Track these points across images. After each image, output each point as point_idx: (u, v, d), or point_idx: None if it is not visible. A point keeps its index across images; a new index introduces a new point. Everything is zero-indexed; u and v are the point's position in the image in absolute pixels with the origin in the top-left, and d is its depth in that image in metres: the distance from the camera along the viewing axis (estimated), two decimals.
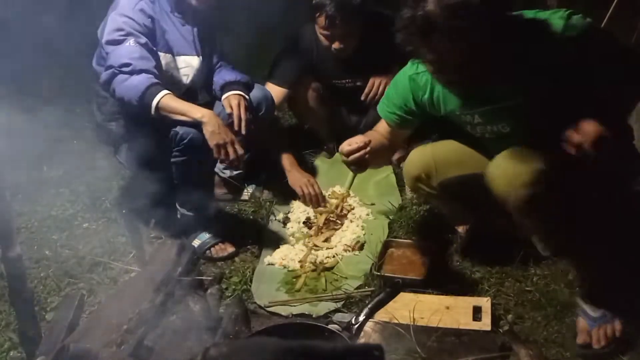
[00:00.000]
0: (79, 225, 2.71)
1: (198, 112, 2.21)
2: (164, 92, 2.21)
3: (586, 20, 1.74)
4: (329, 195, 2.81)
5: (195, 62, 2.47)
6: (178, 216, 2.49)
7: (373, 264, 2.27)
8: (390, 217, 2.60)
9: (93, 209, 2.79)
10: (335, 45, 2.81)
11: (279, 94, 2.87)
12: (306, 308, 2.11)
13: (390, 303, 2.00)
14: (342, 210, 2.68)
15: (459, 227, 2.44)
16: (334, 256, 2.38)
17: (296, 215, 2.69)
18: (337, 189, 2.85)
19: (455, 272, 2.24)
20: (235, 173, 2.82)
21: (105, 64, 2.27)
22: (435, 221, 2.53)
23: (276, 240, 2.53)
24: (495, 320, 1.94)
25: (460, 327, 1.91)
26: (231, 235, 2.50)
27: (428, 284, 2.15)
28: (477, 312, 1.96)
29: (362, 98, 2.98)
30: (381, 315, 1.95)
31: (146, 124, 2.27)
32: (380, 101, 2.18)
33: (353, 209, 2.69)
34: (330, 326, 1.86)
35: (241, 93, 2.41)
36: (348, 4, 2.67)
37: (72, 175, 3.09)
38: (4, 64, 2.42)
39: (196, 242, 2.45)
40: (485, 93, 1.85)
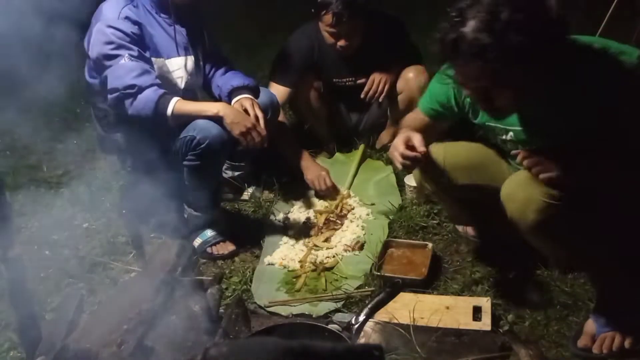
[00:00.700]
0: (79, 225, 2.71)
1: (213, 108, 2.26)
2: (174, 100, 2.23)
3: None
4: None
5: (187, 63, 2.45)
6: (185, 216, 2.49)
7: (373, 264, 2.27)
8: (390, 217, 2.60)
9: (93, 209, 2.79)
10: (341, 43, 2.82)
11: (283, 93, 2.88)
12: (306, 308, 2.12)
13: (390, 303, 1.99)
14: (342, 210, 2.68)
15: (460, 227, 2.44)
16: (334, 256, 2.38)
17: (296, 215, 2.69)
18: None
19: (455, 272, 2.24)
20: (236, 173, 2.82)
21: (107, 87, 2.25)
22: (435, 221, 2.53)
23: (276, 240, 2.53)
24: (495, 320, 1.94)
25: (460, 327, 1.91)
26: (231, 234, 2.50)
27: (428, 284, 2.15)
28: (477, 312, 1.96)
29: (362, 96, 2.99)
30: (381, 315, 1.95)
31: (153, 131, 2.27)
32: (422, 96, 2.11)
33: (353, 209, 2.69)
34: (330, 326, 1.85)
35: (251, 97, 2.41)
36: (354, 1, 2.69)
37: (72, 175, 3.09)
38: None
39: (197, 242, 2.45)
40: (521, 113, 1.77)
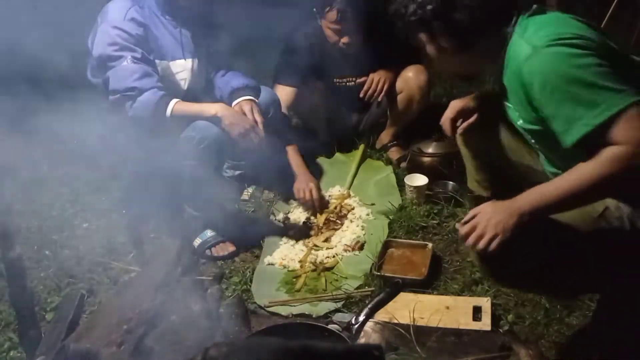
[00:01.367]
0: (79, 225, 2.71)
1: (211, 109, 2.27)
2: (173, 102, 2.25)
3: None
4: (329, 195, 2.81)
5: (190, 66, 2.45)
6: (185, 216, 2.48)
7: (373, 264, 2.27)
8: (390, 217, 2.60)
9: (93, 209, 2.79)
10: (345, 40, 2.82)
11: (289, 94, 2.88)
12: (306, 308, 2.11)
13: (390, 303, 2.00)
14: (342, 210, 2.68)
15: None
16: (334, 256, 2.38)
17: (296, 215, 2.69)
18: (337, 189, 2.86)
19: (455, 272, 2.24)
20: (236, 173, 2.82)
21: (109, 87, 2.25)
22: (435, 221, 2.53)
23: (276, 240, 2.53)
24: (495, 320, 1.94)
25: (460, 327, 1.91)
26: (231, 235, 2.50)
27: (428, 284, 2.15)
28: (477, 312, 1.96)
29: (361, 95, 2.99)
30: (381, 315, 1.95)
31: (153, 131, 2.26)
32: None
33: (353, 209, 2.69)
34: (330, 326, 1.86)
35: (252, 98, 2.41)
36: None
37: (72, 175, 3.10)
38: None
39: (197, 242, 2.45)
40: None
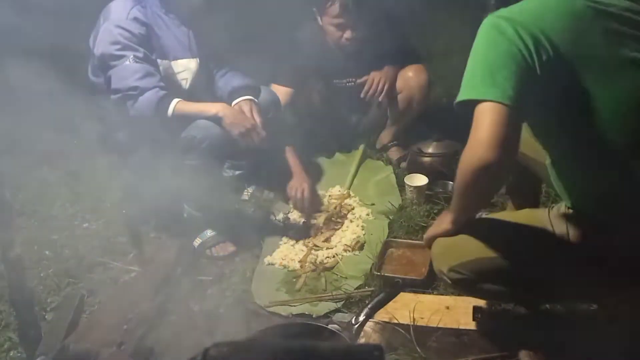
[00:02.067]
0: (79, 225, 2.71)
1: (213, 109, 2.27)
2: (174, 102, 2.25)
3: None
4: (329, 195, 2.81)
5: (193, 65, 2.46)
6: (184, 215, 2.48)
7: (373, 264, 2.27)
8: (390, 217, 2.60)
9: (93, 209, 2.79)
10: (347, 35, 2.82)
11: (286, 94, 2.88)
12: (306, 308, 2.11)
13: (390, 303, 1.99)
14: (342, 210, 2.68)
15: None
16: (334, 256, 2.38)
17: (296, 215, 2.69)
18: (337, 189, 2.86)
19: None
20: (236, 173, 2.82)
21: (110, 87, 2.26)
22: (435, 221, 2.53)
23: (276, 240, 2.52)
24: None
25: (460, 327, 1.91)
26: (231, 235, 2.50)
27: (428, 284, 2.15)
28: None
29: (362, 95, 2.99)
30: (381, 315, 1.95)
31: (154, 131, 2.26)
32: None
33: (353, 209, 2.69)
34: (330, 326, 1.85)
35: (251, 98, 2.41)
36: None
37: (72, 175, 3.10)
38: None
39: (197, 241, 2.45)
40: None
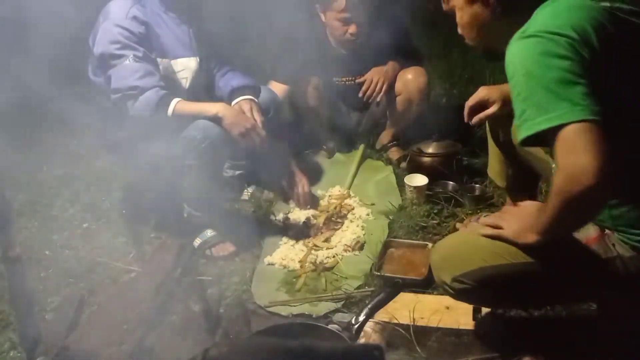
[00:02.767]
0: (79, 225, 2.71)
1: (213, 109, 2.26)
2: (175, 101, 2.24)
3: None
4: (329, 195, 2.81)
5: (192, 64, 2.45)
6: (184, 215, 2.48)
7: (373, 264, 2.27)
8: (390, 217, 2.60)
9: (93, 209, 2.79)
10: (352, 30, 2.84)
11: (281, 91, 2.88)
12: (306, 308, 2.11)
13: (390, 303, 2.00)
14: (342, 210, 2.68)
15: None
16: (334, 256, 2.38)
17: (296, 215, 2.69)
18: (337, 189, 2.86)
19: None
20: (236, 173, 2.82)
21: (110, 86, 2.25)
22: (435, 221, 2.53)
23: (276, 240, 2.52)
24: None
25: (460, 327, 1.91)
26: (231, 235, 2.49)
27: (428, 284, 2.15)
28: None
29: (360, 95, 3.00)
30: (381, 315, 1.95)
31: (155, 131, 2.26)
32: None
33: (353, 209, 2.69)
34: (330, 326, 1.85)
35: (251, 98, 2.41)
36: None
37: (72, 175, 3.10)
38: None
39: (197, 242, 2.45)
40: None
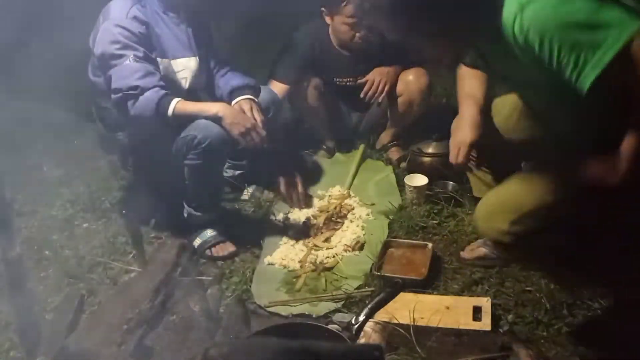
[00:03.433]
0: (79, 225, 2.71)
1: (213, 109, 2.27)
2: (175, 101, 2.24)
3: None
4: (329, 195, 2.81)
5: (192, 64, 2.45)
6: (184, 215, 2.48)
7: (373, 264, 2.27)
8: (390, 217, 2.60)
9: (93, 209, 2.79)
10: (361, 35, 2.84)
11: (281, 90, 2.88)
12: (306, 308, 2.11)
13: (390, 303, 2.00)
14: (342, 210, 2.68)
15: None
16: (334, 256, 2.38)
17: (296, 215, 2.69)
18: (337, 189, 2.86)
19: (455, 272, 2.23)
20: (236, 173, 2.82)
21: (111, 86, 2.25)
22: (435, 221, 2.53)
23: (276, 240, 2.52)
24: (495, 320, 1.94)
25: (460, 327, 1.91)
26: (231, 235, 2.49)
27: (428, 284, 2.15)
28: (477, 312, 1.95)
29: (362, 96, 2.99)
30: (381, 315, 1.95)
31: (155, 131, 2.27)
32: None
33: (353, 209, 2.69)
34: (330, 326, 1.85)
35: (251, 97, 2.40)
36: None
37: (72, 175, 3.10)
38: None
39: (197, 242, 2.45)
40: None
